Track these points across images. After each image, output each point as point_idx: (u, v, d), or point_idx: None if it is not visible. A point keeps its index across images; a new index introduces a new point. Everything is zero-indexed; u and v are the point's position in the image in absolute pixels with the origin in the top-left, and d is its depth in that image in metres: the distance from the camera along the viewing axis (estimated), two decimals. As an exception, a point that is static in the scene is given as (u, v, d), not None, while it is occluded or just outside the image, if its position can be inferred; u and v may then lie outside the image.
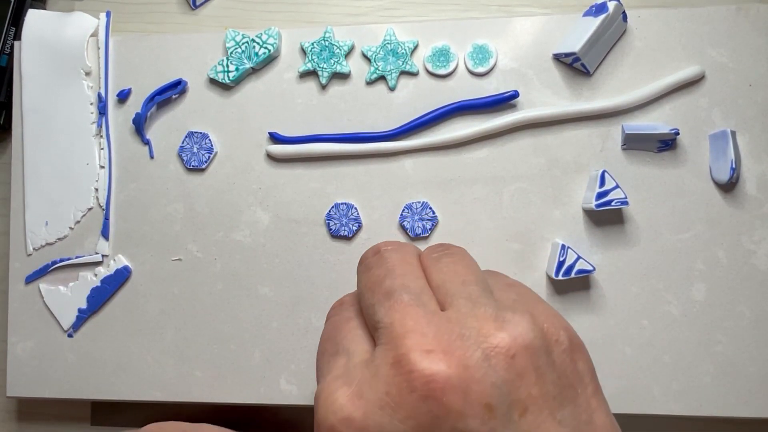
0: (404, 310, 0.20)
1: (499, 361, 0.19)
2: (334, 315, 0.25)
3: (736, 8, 0.33)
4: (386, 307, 0.21)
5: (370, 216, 0.34)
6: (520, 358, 0.19)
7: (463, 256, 0.24)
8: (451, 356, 0.19)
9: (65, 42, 0.37)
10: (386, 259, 0.23)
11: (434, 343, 0.19)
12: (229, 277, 0.35)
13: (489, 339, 0.19)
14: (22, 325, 0.36)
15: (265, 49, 0.35)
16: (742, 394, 0.31)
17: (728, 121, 0.32)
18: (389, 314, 0.21)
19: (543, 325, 0.20)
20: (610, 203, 0.31)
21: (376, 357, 0.20)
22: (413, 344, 0.19)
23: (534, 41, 0.34)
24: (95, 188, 0.36)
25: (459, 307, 0.21)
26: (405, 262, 0.23)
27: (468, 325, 0.20)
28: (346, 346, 0.22)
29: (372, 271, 0.23)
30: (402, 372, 0.19)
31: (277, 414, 0.36)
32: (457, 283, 0.22)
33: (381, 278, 0.22)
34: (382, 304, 0.21)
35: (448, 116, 0.34)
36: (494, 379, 0.18)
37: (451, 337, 0.19)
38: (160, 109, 0.36)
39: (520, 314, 0.20)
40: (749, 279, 0.32)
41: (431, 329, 0.20)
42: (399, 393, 0.18)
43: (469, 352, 0.19)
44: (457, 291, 0.22)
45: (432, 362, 0.18)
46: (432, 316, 0.20)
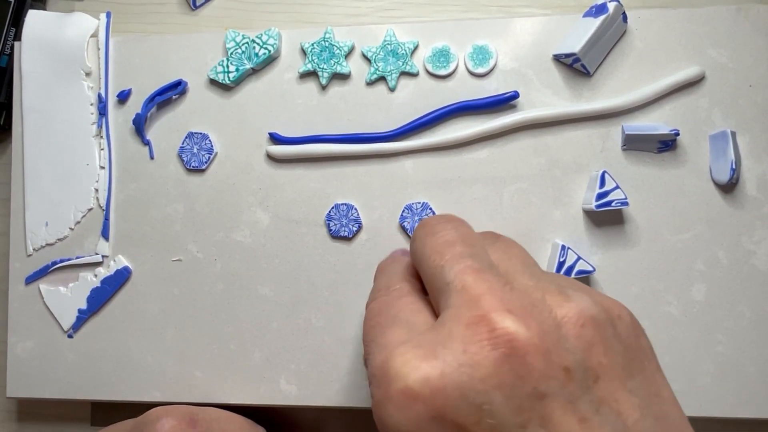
0: (478, 275, 0.20)
1: (570, 329, 0.19)
2: (382, 295, 0.24)
3: (736, 8, 0.33)
4: (458, 270, 0.21)
5: (370, 216, 0.34)
6: (589, 328, 0.19)
7: (514, 242, 0.25)
8: (529, 318, 0.19)
9: (65, 42, 0.37)
10: (456, 227, 0.24)
11: (510, 305, 0.19)
12: (229, 277, 0.35)
13: (558, 309, 0.19)
14: (22, 326, 0.36)
15: (266, 49, 0.35)
16: (742, 394, 0.31)
17: (728, 122, 0.32)
18: (461, 276, 0.20)
19: (604, 302, 0.20)
20: (610, 204, 0.31)
21: (446, 320, 0.20)
22: (492, 305, 0.19)
23: (534, 42, 0.34)
24: (95, 189, 0.36)
25: (523, 283, 0.21)
26: (471, 235, 0.24)
27: (536, 296, 0.20)
28: (404, 318, 0.22)
29: (440, 235, 0.23)
30: (482, 331, 0.18)
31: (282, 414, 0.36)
32: (516, 263, 0.22)
33: (452, 242, 0.22)
34: (452, 266, 0.21)
35: (448, 117, 0.34)
36: (568, 345, 0.19)
37: (524, 303, 0.19)
38: (161, 110, 0.36)
39: (581, 291, 0.20)
40: (749, 279, 0.32)
41: (505, 295, 0.20)
42: (479, 351, 0.18)
43: (544, 317, 0.19)
44: (518, 269, 0.22)
45: (513, 322, 0.18)
46: (504, 285, 0.20)
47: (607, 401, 0.18)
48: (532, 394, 0.18)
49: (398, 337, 0.21)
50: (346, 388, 0.34)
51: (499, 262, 0.23)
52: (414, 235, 0.25)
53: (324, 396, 0.34)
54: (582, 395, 0.18)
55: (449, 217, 0.25)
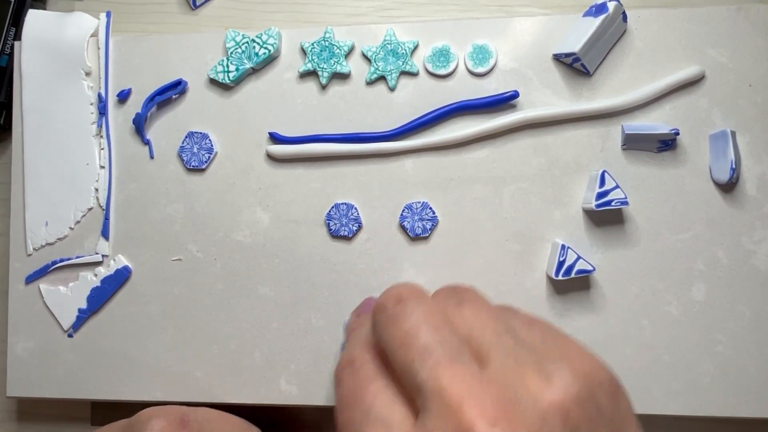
0: (451, 372, 0.20)
1: (556, 421, 0.19)
2: (348, 376, 0.23)
3: (736, 8, 0.33)
4: (428, 367, 0.20)
5: (370, 216, 0.34)
6: (573, 413, 0.19)
7: (479, 299, 0.24)
8: (515, 425, 0.18)
9: (65, 42, 0.37)
10: (413, 310, 0.22)
11: (495, 410, 0.19)
12: (229, 277, 0.35)
13: (541, 399, 0.19)
14: (22, 325, 0.36)
15: (265, 49, 0.35)
16: (742, 394, 0.31)
17: (728, 122, 0.32)
18: (434, 375, 0.20)
19: (583, 371, 0.20)
20: (610, 203, 0.31)
21: (428, 428, 0.19)
22: (475, 414, 0.18)
23: (534, 41, 0.34)
24: (95, 188, 0.36)
25: (500, 363, 0.20)
26: (432, 312, 0.22)
27: (516, 384, 0.20)
28: (378, 415, 0.21)
29: (400, 324, 0.22)
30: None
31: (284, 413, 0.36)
32: (488, 334, 0.22)
33: (414, 332, 0.21)
34: (422, 363, 0.20)
35: (448, 116, 0.34)
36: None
37: (507, 401, 0.19)
38: (160, 110, 0.36)
39: (559, 364, 0.20)
40: (749, 279, 0.32)
41: (486, 394, 0.19)
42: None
43: (528, 416, 0.19)
44: (491, 343, 0.21)
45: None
46: (480, 378, 0.20)
47: None
48: None
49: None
50: (346, 387, 0.34)
51: (470, 332, 0.22)
52: (373, 320, 0.23)
53: (324, 396, 0.34)
54: None
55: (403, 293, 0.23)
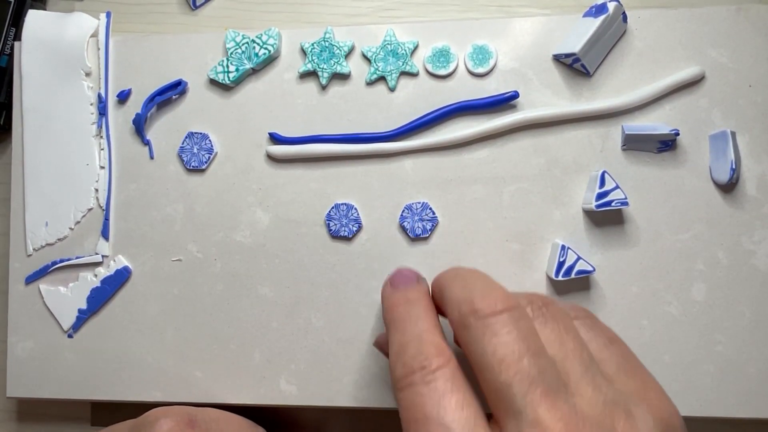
0: (549, 404, 0.20)
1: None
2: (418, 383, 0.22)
3: (736, 8, 0.33)
4: (528, 392, 0.20)
5: (370, 216, 0.34)
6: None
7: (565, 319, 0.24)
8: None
9: (65, 42, 0.37)
10: (514, 326, 0.22)
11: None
12: (229, 277, 0.35)
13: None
14: (22, 326, 0.36)
15: (265, 49, 0.35)
16: (742, 394, 0.31)
17: (728, 122, 0.32)
18: (533, 404, 0.20)
19: (661, 416, 0.21)
20: (610, 204, 0.31)
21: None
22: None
23: (534, 42, 0.34)
24: (95, 188, 0.36)
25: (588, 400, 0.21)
26: (531, 332, 0.22)
27: (606, 422, 0.20)
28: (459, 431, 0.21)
29: (499, 338, 0.21)
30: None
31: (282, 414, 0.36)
32: (575, 364, 0.22)
33: (519, 354, 0.21)
34: (521, 388, 0.20)
35: (448, 117, 0.34)
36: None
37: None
38: (160, 110, 0.36)
39: (641, 406, 0.21)
40: (749, 279, 0.32)
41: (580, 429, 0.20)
42: None
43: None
44: (579, 374, 0.22)
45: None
46: (573, 413, 0.20)
47: None
48: None
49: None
50: (346, 388, 0.34)
51: (557, 358, 0.22)
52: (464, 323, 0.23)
53: (324, 396, 0.34)
54: None
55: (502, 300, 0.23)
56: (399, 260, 0.34)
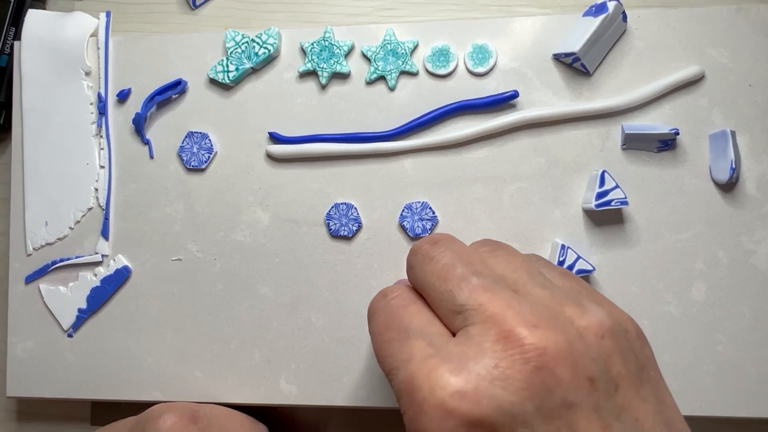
0: (491, 291, 0.21)
1: (591, 340, 0.20)
2: (383, 306, 0.24)
3: (736, 8, 0.33)
4: (468, 290, 0.21)
5: (370, 216, 0.34)
6: (608, 339, 0.20)
7: (514, 250, 0.25)
8: (555, 331, 0.20)
9: (65, 42, 0.37)
10: (449, 248, 0.24)
11: (535, 319, 0.20)
12: (229, 277, 0.35)
13: (578, 320, 0.21)
14: (22, 325, 0.36)
15: (265, 49, 0.35)
16: (742, 394, 0.31)
17: (728, 121, 0.32)
18: (474, 296, 0.21)
19: (616, 314, 0.22)
20: (609, 203, 0.31)
21: (471, 335, 0.20)
22: (516, 320, 0.20)
23: (534, 41, 0.34)
24: (95, 188, 0.36)
25: (536, 294, 0.22)
26: (466, 252, 0.24)
27: (554, 308, 0.21)
28: (418, 329, 0.22)
29: (437, 260, 0.23)
30: (512, 345, 0.19)
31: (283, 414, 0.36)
32: (522, 273, 0.23)
33: (451, 266, 0.22)
34: (460, 288, 0.21)
35: (448, 116, 0.34)
36: (592, 356, 0.20)
37: (546, 315, 0.20)
38: (160, 109, 0.36)
39: (594, 304, 0.22)
40: (749, 279, 0.32)
41: (525, 308, 0.20)
42: (511, 365, 0.19)
43: (567, 329, 0.20)
44: (526, 280, 0.22)
45: (541, 336, 0.19)
46: (518, 298, 0.21)
47: (626, 408, 0.20)
48: (561, 404, 0.19)
49: (421, 350, 0.21)
50: (346, 387, 0.34)
51: (504, 273, 0.23)
52: (408, 263, 0.25)
53: (324, 396, 0.34)
54: (605, 404, 0.19)
55: (437, 237, 0.25)
56: (399, 260, 0.34)
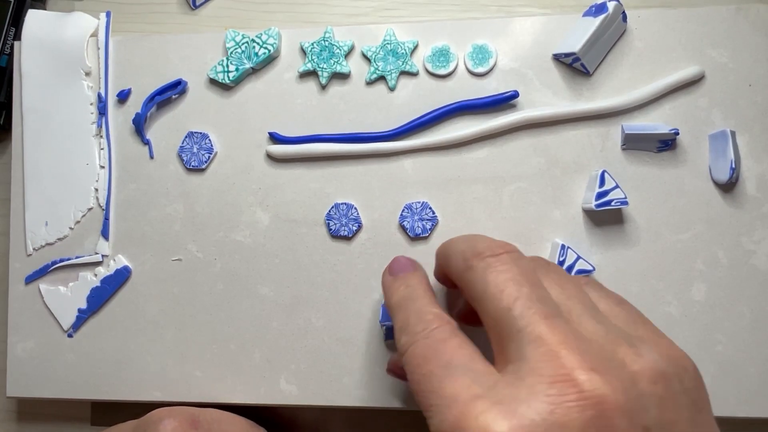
0: (550, 323, 0.20)
1: (645, 386, 0.19)
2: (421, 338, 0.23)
3: (736, 8, 0.33)
4: (529, 316, 0.20)
5: (370, 216, 0.34)
6: (660, 385, 0.20)
7: (564, 272, 0.24)
8: (611, 378, 0.19)
9: (65, 42, 0.37)
10: (515, 261, 0.23)
11: (591, 362, 0.19)
12: (229, 277, 0.35)
13: (632, 365, 0.20)
14: (22, 325, 0.36)
15: (265, 49, 0.35)
16: (742, 394, 0.31)
17: (728, 121, 0.32)
18: (534, 325, 0.20)
19: (670, 354, 0.21)
20: (609, 203, 0.31)
21: (525, 374, 0.19)
22: (575, 362, 0.19)
23: (534, 41, 0.34)
24: (95, 188, 0.36)
25: (590, 329, 0.21)
26: (531, 269, 0.23)
27: (609, 348, 0.20)
28: (461, 365, 0.21)
29: (502, 272, 0.22)
30: (570, 391, 0.18)
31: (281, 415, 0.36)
32: (576, 304, 0.22)
33: (518, 282, 0.22)
34: (522, 311, 0.21)
35: (448, 116, 0.34)
36: (645, 403, 0.19)
37: (601, 357, 0.19)
38: (160, 110, 0.36)
39: (648, 343, 0.21)
40: (749, 279, 0.32)
41: (583, 346, 0.20)
42: (568, 412, 0.18)
43: (622, 374, 0.19)
44: (580, 311, 0.22)
45: (599, 383, 0.19)
46: (576, 334, 0.20)
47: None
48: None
49: (466, 389, 0.20)
50: (346, 387, 0.34)
51: (559, 300, 0.22)
52: (468, 264, 0.24)
53: (324, 396, 0.34)
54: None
55: (502, 245, 0.24)
56: (399, 260, 0.34)
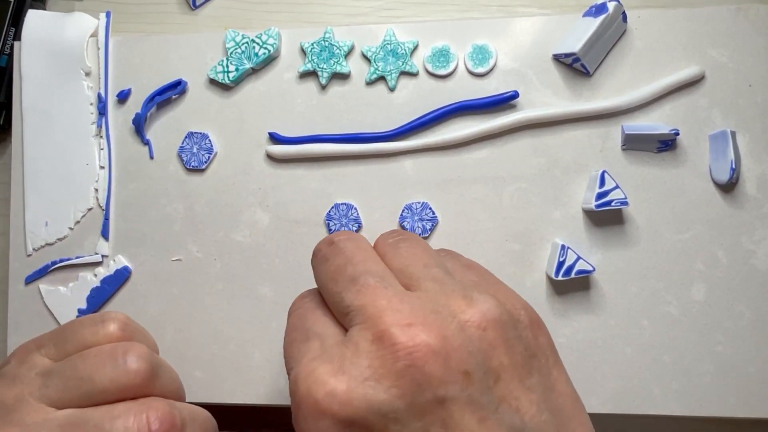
0: (373, 292, 0.22)
1: (473, 332, 0.20)
2: (297, 308, 0.25)
3: (736, 8, 0.33)
4: (353, 291, 0.22)
5: (370, 216, 0.34)
6: (491, 331, 0.21)
7: (419, 241, 0.25)
8: (429, 327, 0.20)
9: (65, 42, 0.37)
10: (342, 249, 0.24)
11: (411, 318, 0.20)
12: (229, 277, 0.35)
13: (461, 314, 0.21)
14: (22, 325, 0.36)
15: (265, 49, 0.35)
16: (742, 394, 0.31)
17: (728, 122, 0.32)
18: (358, 298, 0.22)
19: (507, 303, 0.22)
20: (610, 203, 0.31)
21: (352, 336, 0.21)
22: (391, 320, 0.20)
23: (534, 41, 0.34)
24: (95, 188, 0.36)
25: (426, 288, 0.22)
26: (361, 249, 0.24)
27: (439, 302, 0.21)
28: (316, 331, 0.23)
29: (330, 262, 0.24)
30: (384, 345, 0.20)
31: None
32: (419, 266, 0.23)
33: (342, 267, 0.23)
34: (348, 290, 0.22)
35: (448, 116, 0.34)
36: (470, 348, 0.20)
37: (425, 312, 0.21)
38: (160, 110, 0.36)
39: (485, 294, 0.22)
40: (749, 279, 0.32)
41: (405, 306, 0.21)
42: (382, 365, 0.20)
43: (446, 323, 0.20)
44: (421, 273, 0.23)
45: (413, 334, 0.20)
46: (402, 296, 0.21)
47: (507, 399, 0.20)
48: (432, 400, 0.19)
49: (311, 352, 0.22)
50: (346, 388, 0.33)
51: (402, 267, 0.24)
52: (312, 264, 0.26)
53: (324, 396, 0.34)
54: (481, 396, 0.20)
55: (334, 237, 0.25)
56: (399, 260, 0.34)
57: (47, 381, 0.26)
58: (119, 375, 0.26)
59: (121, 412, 0.25)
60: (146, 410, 0.25)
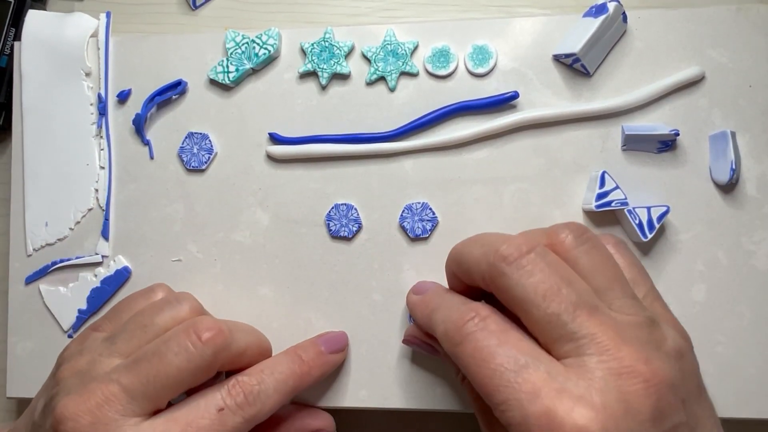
0: (597, 319, 0.23)
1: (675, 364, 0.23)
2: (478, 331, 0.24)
3: (736, 8, 0.33)
4: (576, 316, 0.23)
5: (370, 216, 0.34)
6: (683, 361, 0.24)
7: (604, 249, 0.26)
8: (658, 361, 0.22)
9: (65, 42, 0.37)
10: (544, 263, 0.24)
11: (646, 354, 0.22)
12: (229, 277, 0.35)
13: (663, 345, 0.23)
14: (22, 326, 0.36)
15: (265, 49, 0.35)
16: (742, 394, 0.31)
17: (728, 122, 0.32)
18: (585, 325, 0.22)
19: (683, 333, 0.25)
20: (610, 204, 0.31)
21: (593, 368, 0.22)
22: (631, 356, 0.22)
23: (534, 42, 0.34)
24: (95, 189, 0.36)
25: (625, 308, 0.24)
26: (560, 264, 0.24)
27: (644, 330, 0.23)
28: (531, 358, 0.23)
29: (537, 276, 0.23)
30: (635, 381, 0.21)
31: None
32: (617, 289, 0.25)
33: (554, 285, 0.23)
34: (570, 314, 0.23)
35: (448, 117, 0.34)
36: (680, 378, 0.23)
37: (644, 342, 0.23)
38: (160, 110, 0.36)
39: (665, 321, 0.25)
40: (749, 279, 0.32)
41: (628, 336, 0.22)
42: (637, 399, 0.21)
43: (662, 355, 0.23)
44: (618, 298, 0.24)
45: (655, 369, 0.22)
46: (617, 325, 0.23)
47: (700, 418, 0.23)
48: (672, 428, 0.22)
49: (545, 382, 0.22)
50: (345, 388, 0.34)
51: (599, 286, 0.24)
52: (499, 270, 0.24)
53: (324, 396, 0.34)
54: (691, 419, 0.22)
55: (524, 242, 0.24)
56: (399, 260, 0.34)
57: (114, 340, 0.29)
58: (177, 312, 0.30)
59: (171, 335, 0.28)
60: (192, 326, 0.28)
